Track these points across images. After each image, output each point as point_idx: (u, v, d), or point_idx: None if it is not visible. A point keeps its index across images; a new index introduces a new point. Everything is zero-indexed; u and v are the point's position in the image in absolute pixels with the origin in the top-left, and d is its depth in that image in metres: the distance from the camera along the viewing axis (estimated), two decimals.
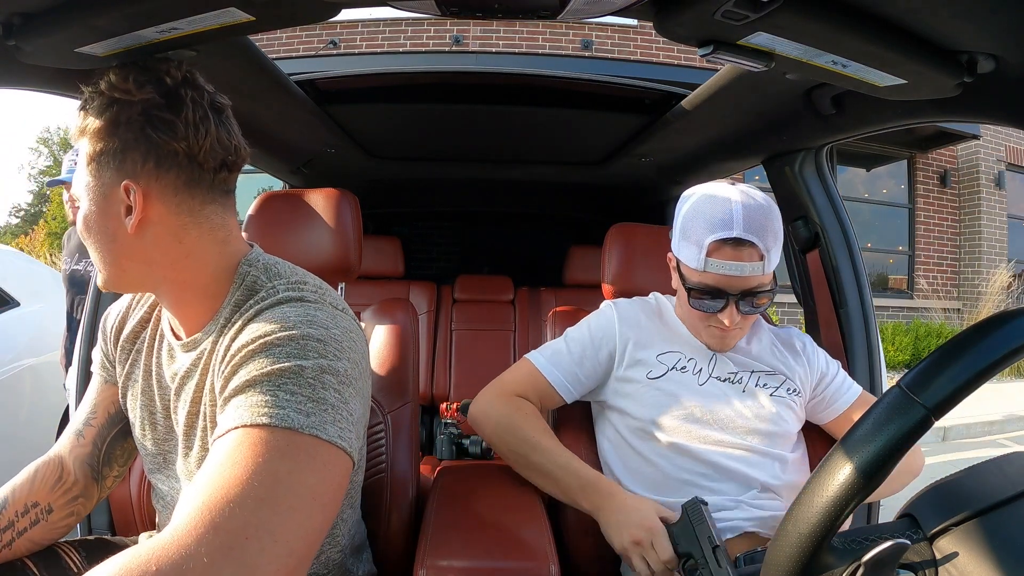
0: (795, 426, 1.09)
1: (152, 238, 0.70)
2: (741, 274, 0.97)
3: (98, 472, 0.88)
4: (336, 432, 0.60)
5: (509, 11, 0.81)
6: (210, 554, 0.50)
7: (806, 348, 1.16)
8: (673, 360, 1.08)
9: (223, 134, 0.72)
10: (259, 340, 0.63)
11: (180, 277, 0.73)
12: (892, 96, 0.90)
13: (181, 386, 0.76)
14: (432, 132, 1.83)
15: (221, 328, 0.72)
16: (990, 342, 0.47)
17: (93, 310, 1.24)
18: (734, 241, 0.97)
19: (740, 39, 0.77)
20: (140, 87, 0.68)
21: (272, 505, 0.54)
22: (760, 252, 0.97)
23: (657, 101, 1.48)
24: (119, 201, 0.69)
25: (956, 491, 0.54)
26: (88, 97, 0.70)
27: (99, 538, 0.93)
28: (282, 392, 0.59)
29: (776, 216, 1.00)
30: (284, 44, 6.20)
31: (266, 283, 0.72)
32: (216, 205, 0.73)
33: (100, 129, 0.68)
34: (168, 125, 0.68)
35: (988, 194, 7.47)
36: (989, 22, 0.72)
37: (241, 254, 0.75)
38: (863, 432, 0.48)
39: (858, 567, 0.50)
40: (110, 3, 0.73)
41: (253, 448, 0.56)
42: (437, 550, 0.90)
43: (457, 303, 2.54)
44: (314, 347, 0.63)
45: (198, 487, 0.55)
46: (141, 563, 0.49)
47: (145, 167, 0.68)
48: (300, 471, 0.56)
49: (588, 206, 2.71)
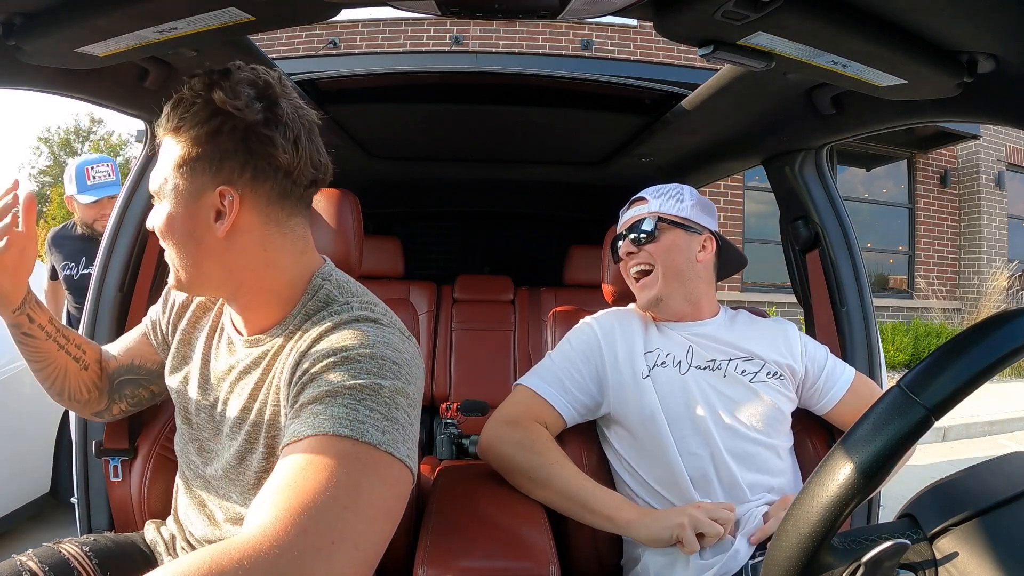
0: (784, 406, 1.11)
1: (239, 245, 0.72)
2: (628, 218, 1.21)
3: (110, 393, 0.95)
4: (406, 452, 0.63)
5: (509, 11, 0.81)
6: (302, 554, 0.52)
7: (789, 338, 1.18)
8: (653, 359, 1.12)
9: (314, 152, 0.74)
10: (340, 353, 0.66)
11: (259, 284, 0.75)
12: (892, 96, 0.90)
13: (238, 380, 0.78)
14: (432, 132, 1.83)
15: (290, 333, 0.74)
16: (990, 342, 0.47)
17: (93, 309, 1.24)
18: (632, 202, 1.23)
19: (740, 39, 0.77)
20: (249, 105, 0.68)
21: (355, 513, 0.56)
22: (645, 200, 1.19)
23: (657, 101, 1.48)
24: (210, 205, 0.70)
25: (956, 491, 0.54)
26: (187, 100, 0.70)
27: (103, 536, 0.94)
28: (362, 407, 0.62)
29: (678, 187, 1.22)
30: (284, 44, 6.20)
31: (339, 298, 0.75)
32: (301, 218, 0.76)
33: (200, 135, 0.69)
34: (269, 140, 0.70)
35: (988, 194, 7.47)
36: (989, 22, 0.72)
37: (316, 265, 0.79)
38: (863, 432, 0.48)
39: (858, 567, 0.50)
40: (110, 3, 0.73)
41: (336, 457, 0.58)
42: (437, 550, 0.90)
43: (457, 303, 2.54)
44: (391, 368, 0.66)
45: (281, 487, 0.57)
46: (234, 558, 0.51)
47: (242, 176, 0.70)
48: (378, 485, 0.60)
49: (588, 206, 2.70)
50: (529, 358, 2.36)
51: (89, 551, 0.87)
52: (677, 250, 1.15)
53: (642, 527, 0.98)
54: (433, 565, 0.87)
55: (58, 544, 0.87)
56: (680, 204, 1.17)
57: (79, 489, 1.19)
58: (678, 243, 1.15)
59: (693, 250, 1.16)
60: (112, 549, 0.90)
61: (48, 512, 2.42)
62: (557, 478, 1.03)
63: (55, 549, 0.86)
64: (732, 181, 6.59)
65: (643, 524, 0.98)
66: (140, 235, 1.27)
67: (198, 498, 0.84)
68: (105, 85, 1.04)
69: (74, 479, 1.20)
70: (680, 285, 1.15)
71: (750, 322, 1.21)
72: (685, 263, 1.15)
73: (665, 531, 0.96)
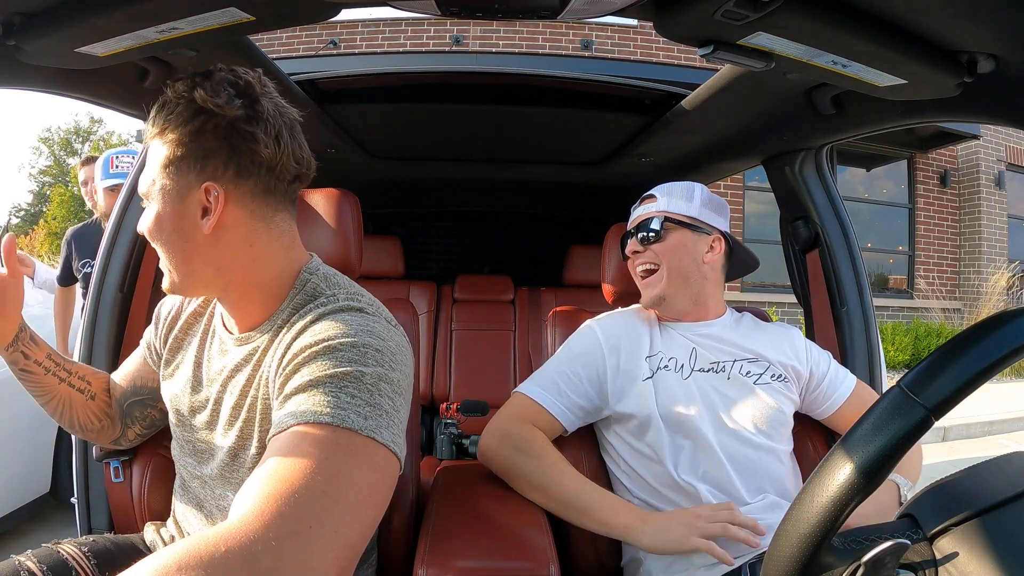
0: (786, 407, 1.10)
1: (225, 242, 0.73)
2: (637, 216, 1.20)
3: (121, 418, 0.97)
4: (390, 436, 0.63)
5: (509, 11, 0.81)
6: (277, 539, 0.52)
7: (794, 342, 1.17)
8: (656, 362, 1.12)
9: (296, 148, 0.76)
10: (322, 343, 0.66)
11: (247, 280, 0.76)
12: (892, 96, 0.90)
13: (230, 378, 0.79)
14: (432, 132, 1.83)
15: (278, 328, 0.75)
16: (990, 342, 0.47)
17: (94, 309, 1.24)
18: (642, 199, 1.21)
19: (740, 39, 0.77)
20: (230, 102, 0.70)
21: (334, 498, 0.56)
22: (655, 198, 1.18)
23: (657, 101, 1.48)
24: (196, 203, 0.72)
25: (956, 491, 0.54)
26: (171, 102, 0.71)
27: (103, 537, 0.94)
28: (343, 394, 0.62)
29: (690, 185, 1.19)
30: (284, 44, 6.19)
31: (326, 290, 0.76)
32: (285, 213, 0.78)
33: (184, 135, 0.71)
34: (251, 136, 0.71)
35: (988, 194, 7.47)
36: (989, 22, 0.72)
37: (303, 261, 0.80)
38: (863, 432, 0.48)
39: (858, 567, 0.50)
40: (110, 3, 0.73)
41: (316, 444, 0.59)
42: (437, 550, 0.90)
43: (457, 303, 2.54)
44: (373, 355, 0.66)
45: (262, 477, 0.57)
46: (211, 544, 0.51)
47: (226, 173, 0.71)
48: (359, 470, 0.60)
49: (588, 206, 2.70)
50: (529, 358, 2.36)
51: (88, 552, 0.87)
52: (683, 250, 1.14)
53: (642, 536, 0.96)
54: (433, 565, 0.87)
55: (57, 545, 0.88)
56: (689, 203, 1.16)
57: (79, 490, 1.19)
58: (684, 243, 1.14)
59: (700, 250, 1.15)
60: (111, 550, 0.90)
61: (48, 512, 2.42)
62: (554, 482, 1.02)
63: (54, 550, 0.86)
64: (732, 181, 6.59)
65: (643, 533, 0.96)
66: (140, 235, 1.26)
67: (195, 499, 0.84)
68: (105, 85, 1.04)
69: (74, 480, 1.20)
70: (685, 285, 1.14)
71: (755, 325, 1.20)
72: (691, 263, 1.14)
73: (667, 544, 0.93)
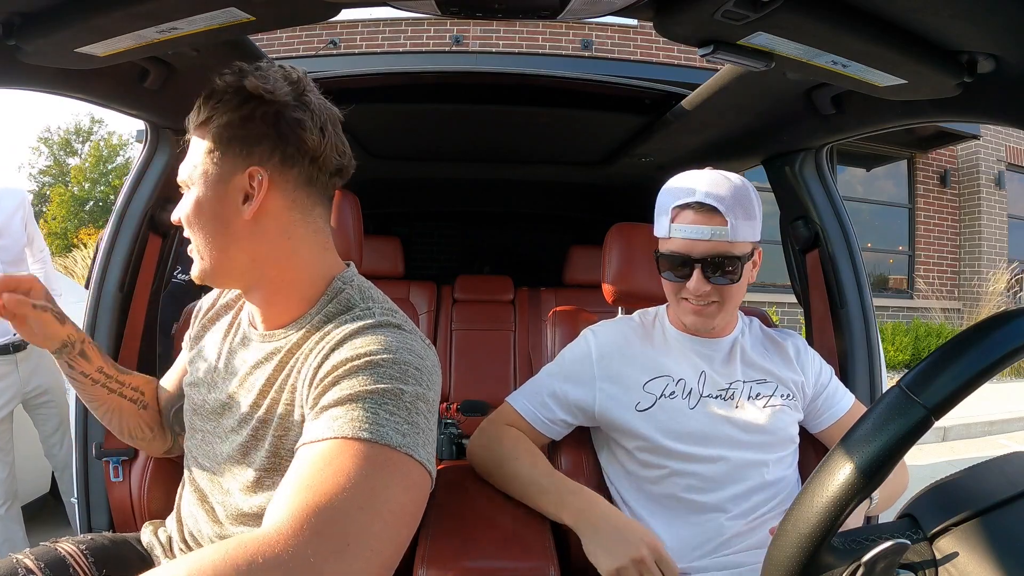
0: (793, 429, 1.08)
1: (263, 230, 0.73)
2: (702, 237, 0.97)
3: (170, 426, 0.96)
4: (426, 455, 0.63)
5: (509, 11, 0.81)
6: (316, 555, 0.53)
7: (800, 354, 1.12)
8: (660, 387, 1.05)
9: (339, 142, 0.77)
10: (364, 358, 0.66)
11: (280, 276, 0.76)
12: (892, 96, 0.90)
13: (249, 374, 0.78)
14: (432, 132, 1.83)
15: (307, 332, 0.74)
16: (990, 342, 0.47)
17: (93, 309, 1.24)
18: (697, 205, 0.97)
19: (740, 39, 0.77)
20: (280, 89, 0.71)
21: (371, 515, 0.57)
22: (724, 218, 0.96)
23: (657, 101, 1.48)
24: (238, 188, 0.72)
25: (956, 491, 0.54)
26: (219, 90, 0.72)
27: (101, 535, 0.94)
28: (383, 411, 0.62)
29: (746, 192, 0.99)
30: (284, 44, 6.19)
31: (360, 303, 0.76)
32: (322, 208, 0.78)
33: (233, 120, 0.71)
34: (298, 123, 0.72)
35: (988, 194, 7.46)
36: (989, 22, 0.72)
37: (338, 268, 0.80)
38: (863, 432, 0.48)
39: (858, 567, 0.50)
40: (110, 3, 0.73)
41: (354, 459, 0.59)
42: (437, 550, 0.90)
43: (457, 303, 2.54)
44: (413, 374, 0.67)
45: (299, 487, 0.57)
46: (248, 552, 0.51)
47: (272, 160, 0.72)
48: (395, 487, 0.60)
49: (588, 206, 2.70)
50: (529, 358, 2.36)
51: (86, 550, 0.87)
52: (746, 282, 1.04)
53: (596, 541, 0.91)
54: (433, 565, 0.87)
55: (55, 543, 0.87)
56: (753, 227, 1.00)
57: (79, 489, 1.19)
58: (749, 276, 1.03)
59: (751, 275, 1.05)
60: (109, 549, 0.90)
61: (48, 512, 2.42)
62: (520, 472, 1.02)
63: (52, 548, 0.86)
64: None
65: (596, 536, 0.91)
66: (140, 235, 1.27)
67: (200, 492, 0.84)
68: (105, 85, 1.04)
69: (74, 479, 1.20)
70: (733, 311, 1.08)
71: (764, 336, 1.15)
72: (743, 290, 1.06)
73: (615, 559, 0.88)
